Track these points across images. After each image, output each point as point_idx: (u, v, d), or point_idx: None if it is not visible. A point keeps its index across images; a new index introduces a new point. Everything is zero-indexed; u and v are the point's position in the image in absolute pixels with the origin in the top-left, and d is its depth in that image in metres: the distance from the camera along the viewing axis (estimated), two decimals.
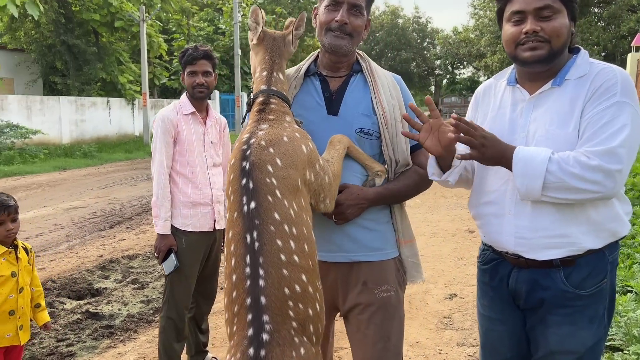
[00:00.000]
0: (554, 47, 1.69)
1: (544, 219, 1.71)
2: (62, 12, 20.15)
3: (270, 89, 1.83)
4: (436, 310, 4.28)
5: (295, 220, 1.56)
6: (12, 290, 2.48)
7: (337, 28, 1.89)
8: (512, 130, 1.79)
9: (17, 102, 17.03)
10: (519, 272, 1.80)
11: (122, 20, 20.72)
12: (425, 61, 58.79)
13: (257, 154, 1.60)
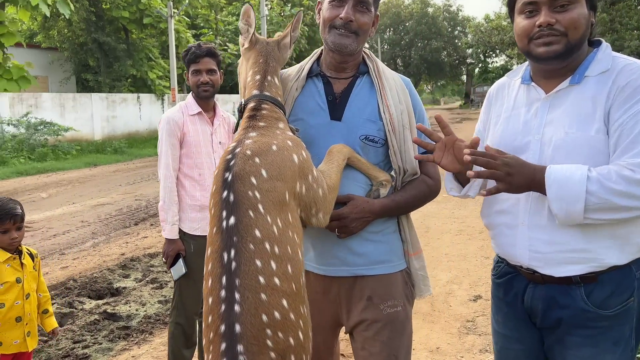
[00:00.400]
0: (572, 40, 1.52)
1: (562, 232, 1.55)
2: (93, 10, 20.50)
3: (262, 94, 1.70)
4: (459, 313, 4.12)
5: (278, 238, 1.42)
6: (18, 296, 2.45)
7: (342, 25, 1.75)
8: (525, 132, 1.64)
9: (50, 99, 17.43)
10: (534, 288, 1.65)
11: (151, 16, 20.94)
12: (456, 50, 57.64)
13: (240, 165, 1.47)
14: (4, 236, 2.42)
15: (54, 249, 6.25)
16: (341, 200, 1.75)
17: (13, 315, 2.43)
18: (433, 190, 1.92)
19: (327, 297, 1.85)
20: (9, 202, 2.47)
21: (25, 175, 11.79)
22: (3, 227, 2.42)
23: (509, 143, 1.66)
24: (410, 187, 1.87)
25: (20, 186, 10.46)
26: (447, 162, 1.66)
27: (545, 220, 1.57)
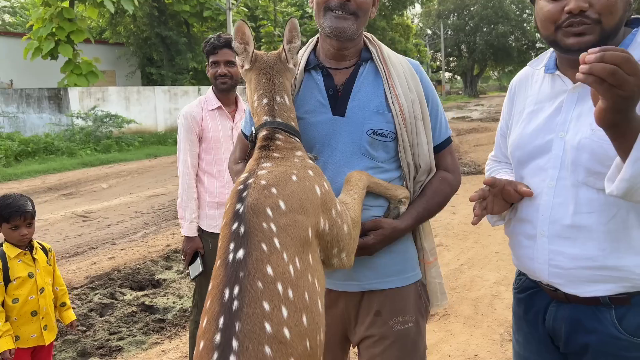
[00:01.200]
0: (607, 27, 1.27)
1: (588, 246, 1.32)
2: (156, 6, 21.15)
3: (274, 121, 1.50)
4: (504, 317, 3.83)
5: (294, 280, 1.19)
6: (32, 291, 2.47)
7: (339, 6, 1.56)
8: (548, 129, 1.41)
9: (116, 93, 18.15)
10: (557, 307, 1.44)
11: (210, 9, 21.33)
12: (524, 34, 54.97)
13: (254, 195, 1.27)
14: (14, 232, 2.45)
15: (106, 238, 6.45)
16: (368, 227, 1.57)
17: (28, 310, 2.46)
18: (455, 187, 1.74)
19: (334, 311, 1.68)
20: (19, 199, 2.50)
21: (90, 167, 12.33)
22: (13, 223, 2.44)
23: (529, 142, 1.46)
24: (432, 193, 1.68)
25: (84, 177, 10.95)
26: (498, 209, 1.49)
27: (567, 231, 1.35)
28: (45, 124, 16.41)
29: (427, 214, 1.68)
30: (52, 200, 8.74)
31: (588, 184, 1.32)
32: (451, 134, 1.77)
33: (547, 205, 1.39)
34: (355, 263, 1.59)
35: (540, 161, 1.42)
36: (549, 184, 1.39)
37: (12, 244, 2.48)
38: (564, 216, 1.36)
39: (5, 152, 12.59)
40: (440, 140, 1.71)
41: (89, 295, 4.50)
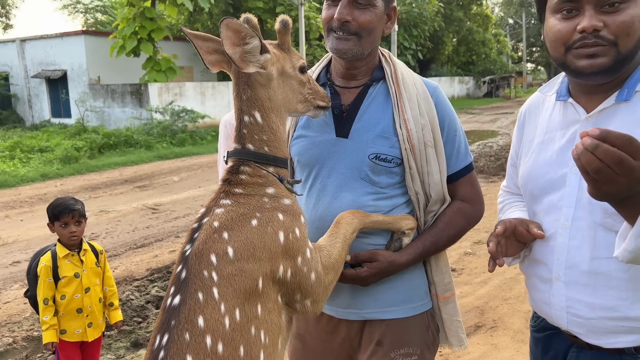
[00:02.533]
0: (623, 50, 1.17)
1: (609, 295, 1.22)
2: (231, 3, 21.77)
3: (243, 150, 1.35)
4: None
5: (228, 334, 1.13)
6: (77, 290, 2.65)
7: (339, 27, 1.49)
8: (560, 162, 1.30)
9: (192, 88, 18.92)
10: (578, 354, 1.34)
11: (283, 5, 21.63)
12: None
13: (202, 238, 1.21)
14: (64, 230, 2.63)
15: (172, 231, 6.77)
16: (364, 258, 1.52)
17: (74, 307, 2.64)
18: (473, 218, 1.63)
19: (336, 338, 1.65)
20: (69, 199, 2.70)
21: (165, 160, 12.96)
22: (63, 220, 2.63)
23: (541, 176, 1.36)
24: (443, 225, 1.57)
25: (158, 170, 11.53)
26: (512, 251, 1.40)
27: (586, 277, 1.25)
28: (127, 117, 17.45)
29: (435, 248, 1.58)
30: (127, 192, 9.28)
31: (606, 225, 1.21)
32: (472, 160, 1.65)
33: (563, 248, 1.29)
34: (355, 291, 1.57)
35: (553, 197, 1.32)
36: (564, 224, 1.29)
37: (63, 245, 2.67)
38: (581, 261, 1.26)
39: (90, 144, 13.51)
40: (458, 168, 1.60)
41: (148, 288, 4.75)
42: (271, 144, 1.37)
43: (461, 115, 22.67)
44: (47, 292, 2.60)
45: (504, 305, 4.13)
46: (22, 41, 21.88)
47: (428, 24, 28.80)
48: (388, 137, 1.54)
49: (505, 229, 1.34)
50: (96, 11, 38.21)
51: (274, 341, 1.25)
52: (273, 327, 1.25)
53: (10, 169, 11.10)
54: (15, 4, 36.52)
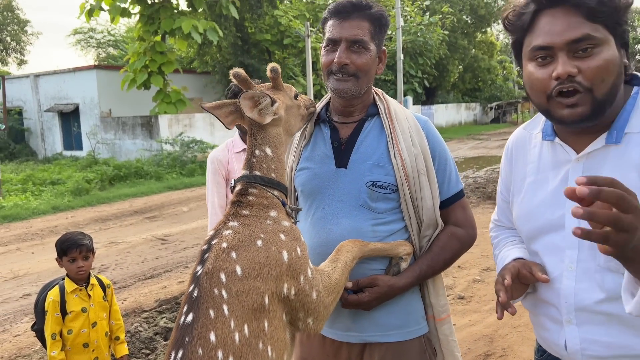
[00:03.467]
0: (599, 96, 1.17)
1: (624, 333, 1.21)
2: (239, 35, 22.22)
3: (251, 175, 1.49)
4: None
5: (238, 348, 1.21)
6: (84, 324, 2.68)
7: (338, 70, 1.63)
8: (556, 203, 1.30)
9: (202, 119, 19.20)
10: None
11: (290, 37, 22.07)
12: None
13: (213, 258, 1.30)
14: (71, 265, 2.67)
15: (181, 262, 6.80)
16: (364, 284, 1.60)
17: (80, 342, 2.66)
18: (467, 242, 1.72)
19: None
20: (77, 234, 2.74)
21: (174, 190, 13.08)
22: (71, 256, 2.67)
23: (538, 217, 1.35)
24: (440, 250, 1.67)
25: (167, 200, 11.63)
26: (518, 293, 1.38)
27: (598, 318, 1.23)
28: (138, 149, 17.69)
29: (431, 272, 1.67)
30: (136, 223, 9.36)
31: (611, 268, 1.20)
32: (462, 187, 1.75)
33: (570, 291, 1.26)
34: (355, 315, 1.64)
35: (554, 238, 1.30)
36: (569, 266, 1.27)
37: (71, 279, 2.71)
38: (591, 304, 1.24)
39: (101, 176, 13.69)
40: (449, 194, 1.71)
41: (156, 319, 4.76)
42: (277, 172, 1.52)
43: (468, 142, 22.72)
44: (54, 326, 2.62)
45: (513, 334, 4.09)
46: (35, 76, 22.44)
47: (433, 52, 29.14)
48: (383, 166, 1.65)
49: (512, 276, 1.32)
50: (108, 45, 39.16)
51: (279, 356, 1.32)
52: (279, 343, 1.32)
53: (22, 202, 11.26)
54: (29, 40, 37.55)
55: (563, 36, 1.17)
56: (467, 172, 13.58)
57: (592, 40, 1.15)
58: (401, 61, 23.34)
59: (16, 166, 17.87)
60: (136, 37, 19.16)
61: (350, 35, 1.60)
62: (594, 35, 1.15)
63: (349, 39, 1.60)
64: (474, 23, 36.64)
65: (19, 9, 36.90)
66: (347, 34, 1.60)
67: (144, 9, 18.11)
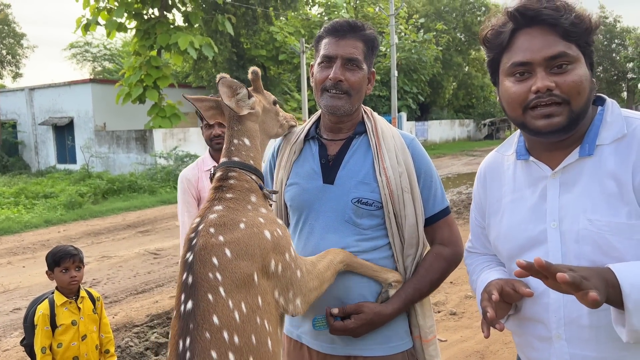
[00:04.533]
0: (575, 109, 1.23)
1: (613, 347, 1.23)
2: (234, 51, 22.38)
3: (229, 161, 1.57)
4: None
5: (240, 326, 1.28)
6: (74, 338, 2.68)
7: (333, 86, 1.67)
8: (536, 219, 1.33)
9: (196, 133, 19.21)
10: None
11: (285, 53, 22.25)
12: (614, 65, 52.11)
13: (202, 243, 1.35)
14: (64, 275, 2.68)
15: (173, 276, 6.76)
16: (350, 310, 1.63)
17: (70, 355, 2.66)
18: (453, 261, 1.73)
19: None
20: (68, 246, 2.77)
21: (168, 204, 13.03)
22: (64, 266, 2.69)
23: (518, 234, 1.37)
24: (424, 271, 1.69)
25: (160, 214, 11.59)
26: (501, 312, 1.36)
27: (587, 332, 1.25)
28: (132, 163, 17.67)
29: (419, 294, 1.68)
30: (129, 237, 9.32)
31: None
32: (448, 205, 1.77)
33: (558, 305, 1.28)
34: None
35: (537, 253, 1.31)
36: None
37: (61, 292, 2.71)
38: (580, 315, 1.25)
39: (94, 190, 13.64)
40: (435, 211, 1.73)
41: (147, 334, 4.73)
42: (255, 160, 1.62)
43: (462, 158, 22.83)
44: (44, 340, 2.61)
45: (504, 350, 4.09)
46: (30, 90, 22.45)
47: (427, 69, 29.42)
48: (369, 183, 1.68)
49: (499, 293, 1.31)
50: (104, 59, 39.27)
51: (275, 330, 1.39)
52: (273, 318, 1.40)
53: (14, 215, 11.19)
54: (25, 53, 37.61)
55: (541, 53, 1.23)
56: (460, 188, 13.65)
57: (567, 58, 1.22)
58: (395, 78, 23.54)
59: (9, 179, 17.78)
60: (132, 51, 19.26)
61: (346, 53, 1.65)
62: (568, 53, 1.22)
63: (344, 57, 1.65)
64: (467, 40, 37.09)
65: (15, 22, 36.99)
66: (343, 52, 1.65)
67: (140, 24, 18.24)
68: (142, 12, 18.33)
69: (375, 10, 28.52)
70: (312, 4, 28.05)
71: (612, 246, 1.18)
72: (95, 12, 18.02)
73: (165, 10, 18.58)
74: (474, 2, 37.11)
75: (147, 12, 18.54)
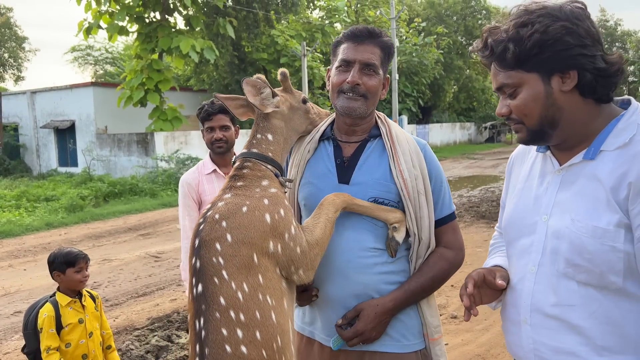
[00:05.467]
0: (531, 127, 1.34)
1: (571, 340, 1.27)
2: (236, 54, 22.43)
3: (249, 152, 1.69)
4: None
5: (243, 305, 1.43)
6: (82, 335, 2.72)
7: (350, 89, 1.71)
8: (534, 209, 1.40)
9: (198, 136, 19.23)
10: None
11: (287, 56, 22.29)
12: None
13: (207, 230, 1.50)
14: (78, 275, 2.74)
15: (174, 279, 6.77)
16: (351, 315, 1.67)
17: (79, 353, 2.70)
18: (455, 263, 1.77)
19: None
20: (72, 248, 2.84)
21: (169, 207, 13.05)
22: (79, 266, 2.74)
23: (518, 221, 1.45)
24: (428, 268, 1.73)
25: (161, 217, 11.60)
26: (488, 298, 1.50)
27: (549, 321, 1.31)
28: (133, 166, 17.69)
29: (420, 288, 1.71)
30: (130, 240, 9.33)
31: (567, 275, 1.29)
32: (455, 210, 1.82)
33: (529, 292, 1.36)
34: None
35: (525, 241, 1.40)
36: (531, 269, 1.37)
37: (64, 293, 2.75)
38: (544, 305, 1.33)
39: (96, 193, 13.66)
40: (442, 215, 1.77)
41: (148, 337, 4.73)
42: (274, 153, 1.72)
43: (463, 161, 22.84)
44: (50, 342, 2.64)
45: (505, 353, 4.08)
46: (32, 93, 22.51)
47: (429, 72, 29.45)
48: (385, 184, 1.72)
49: (475, 284, 1.44)
50: (105, 63, 39.39)
51: (279, 303, 1.50)
52: (276, 292, 1.50)
53: (15, 218, 11.21)
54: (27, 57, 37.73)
55: (495, 85, 1.37)
56: (461, 192, 13.65)
57: (509, 86, 1.32)
58: (396, 81, 23.59)
59: (10, 182, 17.81)
60: (133, 54, 19.30)
61: (365, 59, 1.70)
62: (507, 83, 1.32)
63: (362, 62, 1.70)
64: (468, 44, 37.13)
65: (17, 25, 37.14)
66: (361, 57, 1.70)
67: (141, 28, 18.28)
68: (143, 15, 18.38)
69: (376, 13, 28.56)
70: (313, 8, 28.10)
71: (585, 248, 1.23)
72: (97, 15, 18.06)
73: (167, 13, 18.63)
74: (474, 6, 37.19)
75: (149, 15, 18.59)
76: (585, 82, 1.26)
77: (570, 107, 1.29)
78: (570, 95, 1.28)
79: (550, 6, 1.27)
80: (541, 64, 1.26)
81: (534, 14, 1.26)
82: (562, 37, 1.22)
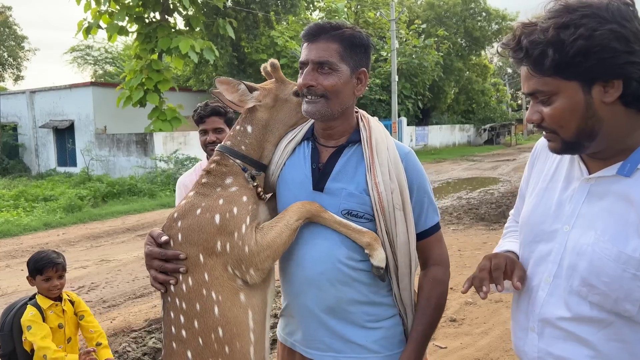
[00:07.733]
0: (564, 137, 1.23)
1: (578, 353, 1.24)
2: (235, 55, 22.42)
3: (222, 145, 1.74)
4: None
5: (186, 295, 1.58)
6: (60, 341, 2.68)
7: (307, 92, 1.61)
8: (555, 216, 1.32)
9: (197, 137, 18.99)
10: None
11: (286, 57, 22.26)
12: None
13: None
14: (45, 283, 2.67)
15: None
16: None
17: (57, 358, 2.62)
18: (447, 281, 1.71)
19: None
20: (51, 253, 2.73)
21: (167, 208, 13.01)
22: (46, 275, 2.66)
23: (536, 225, 1.37)
24: (425, 301, 1.66)
25: (160, 218, 11.55)
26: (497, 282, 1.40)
27: (557, 332, 1.27)
28: (132, 166, 17.65)
29: (429, 327, 1.65)
30: (128, 241, 9.29)
31: (580, 294, 1.23)
32: (439, 220, 1.74)
33: (540, 301, 1.31)
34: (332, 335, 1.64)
35: (543, 248, 1.34)
36: (546, 279, 1.31)
37: (44, 296, 2.69)
38: (554, 318, 1.29)
39: (94, 193, 13.62)
40: (426, 227, 1.69)
41: (145, 339, 4.70)
42: (248, 147, 1.72)
43: (462, 163, 22.83)
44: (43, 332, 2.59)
45: (505, 357, 4.06)
46: (31, 92, 22.46)
47: (428, 74, 29.42)
48: (359, 196, 1.62)
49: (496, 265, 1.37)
50: (105, 63, 39.34)
51: (229, 298, 1.58)
52: (224, 289, 1.58)
53: (13, 218, 11.17)
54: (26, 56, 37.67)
55: (526, 89, 1.25)
56: (460, 193, 13.63)
57: (543, 93, 1.20)
58: (396, 82, 23.57)
59: (9, 182, 17.76)
60: (133, 55, 19.25)
61: (316, 57, 1.57)
62: (541, 90, 1.20)
63: (314, 61, 1.58)
64: (468, 46, 37.14)
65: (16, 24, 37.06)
66: (312, 56, 1.58)
67: (141, 28, 18.24)
68: (143, 15, 18.33)
69: (376, 15, 28.56)
70: (313, 9, 28.10)
71: (605, 271, 1.16)
72: (96, 15, 18.02)
73: (167, 14, 18.59)
74: (474, 8, 37.19)
75: (149, 15, 18.54)
76: (631, 91, 1.13)
77: (611, 119, 1.17)
78: (612, 106, 1.15)
79: (596, 4, 1.12)
80: (583, 72, 1.13)
81: (576, 13, 1.12)
82: (609, 43, 1.09)
